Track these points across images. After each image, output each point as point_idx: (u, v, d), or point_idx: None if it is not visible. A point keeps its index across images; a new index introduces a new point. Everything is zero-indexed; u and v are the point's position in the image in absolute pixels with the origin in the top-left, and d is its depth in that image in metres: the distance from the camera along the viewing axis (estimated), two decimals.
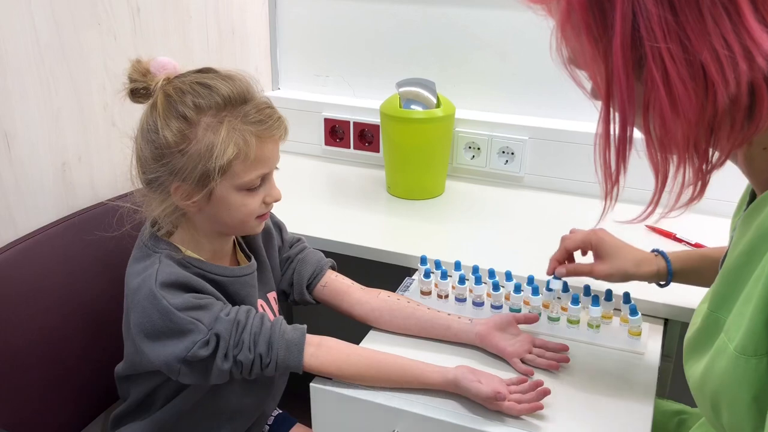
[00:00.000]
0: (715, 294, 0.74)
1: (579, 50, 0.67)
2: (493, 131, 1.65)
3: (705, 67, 0.60)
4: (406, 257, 1.31)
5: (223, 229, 1.03)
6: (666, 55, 0.60)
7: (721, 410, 0.70)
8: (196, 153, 0.93)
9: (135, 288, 0.97)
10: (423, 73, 1.60)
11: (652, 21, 0.60)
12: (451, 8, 1.67)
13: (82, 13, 1.23)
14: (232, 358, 0.95)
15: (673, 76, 0.60)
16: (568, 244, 1.12)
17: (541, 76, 1.63)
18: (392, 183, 1.64)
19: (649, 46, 0.60)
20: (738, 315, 0.67)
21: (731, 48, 0.59)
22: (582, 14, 0.63)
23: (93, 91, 1.28)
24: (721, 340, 0.69)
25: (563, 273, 1.10)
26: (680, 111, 0.62)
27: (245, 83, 0.98)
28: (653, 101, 0.63)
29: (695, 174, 0.67)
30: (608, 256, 1.07)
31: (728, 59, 0.59)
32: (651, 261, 1.06)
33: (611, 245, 1.08)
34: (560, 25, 0.67)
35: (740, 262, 0.70)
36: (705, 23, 0.59)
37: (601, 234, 1.10)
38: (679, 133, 0.63)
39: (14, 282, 1.08)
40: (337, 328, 1.14)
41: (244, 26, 1.76)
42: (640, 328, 1.07)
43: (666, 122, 0.63)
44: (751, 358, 0.64)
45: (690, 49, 0.59)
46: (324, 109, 1.83)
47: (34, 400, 1.10)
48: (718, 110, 0.61)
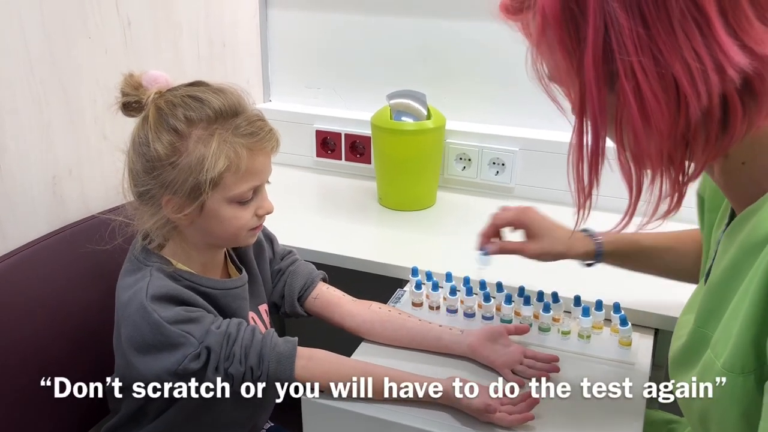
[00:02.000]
0: (701, 310, 0.74)
1: (553, 65, 0.67)
2: (484, 142, 1.66)
3: (677, 80, 0.60)
4: (397, 268, 1.31)
5: (216, 241, 1.03)
6: (638, 68, 0.60)
7: (709, 426, 0.70)
8: (186, 166, 0.93)
9: (126, 301, 0.97)
10: (414, 85, 1.61)
11: (624, 34, 0.60)
12: (441, 20, 1.68)
13: (73, 27, 1.23)
14: (223, 371, 0.95)
15: (645, 89, 0.61)
16: (498, 220, 1.10)
17: (531, 88, 1.62)
18: (383, 194, 1.64)
19: (620, 60, 0.60)
20: (724, 332, 0.67)
21: (702, 61, 0.59)
22: (556, 29, 0.64)
23: (84, 104, 1.28)
24: (708, 357, 0.69)
25: (494, 249, 1.08)
26: (652, 124, 0.62)
27: (236, 96, 0.99)
28: (625, 114, 0.62)
29: (672, 186, 0.66)
30: (540, 236, 1.07)
31: (700, 72, 0.59)
32: (582, 241, 1.06)
33: (542, 225, 1.07)
34: (535, 40, 0.67)
35: (725, 278, 0.70)
36: (676, 36, 0.59)
37: (532, 213, 1.09)
38: (652, 145, 0.63)
39: (5, 296, 1.07)
40: (329, 340, 1.14)
41: (235, 39, 1.77)
42: (630, 339, 1.08)
43: (638, 135, 0.63)
44: (739, 375, 0.64)
45: (662, 62, 0.60)
46: (315, 120, 1.83)
47: (25, 413, 1.09)
48: (691, 123, 0.61)
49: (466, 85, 1.71)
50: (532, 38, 0.68)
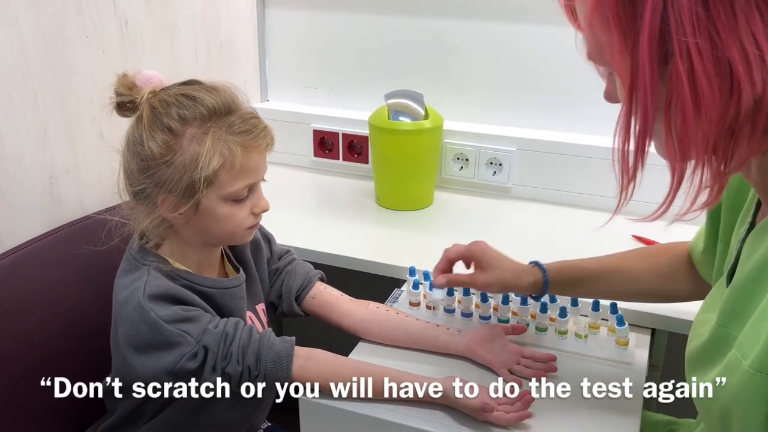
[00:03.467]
0: (725, 309, 0.73)
1: (606, 42, 0.65)
2: (481, 142, 1.66)
3: (732, 65, 0.58)
4: (395, 268, 1.31)
5: (212, 239, 1.03)
6: (693, 49, 0.58)
7: (731, 426, 0.69)
8: (181, 164, 0.93)
9: (123, 301, 0.97)
10: (411, 85, 1.61)
11: (683, 14, 0.58)
12: (439, 20, 1.68)
13: (70, 26, 1.23)
14: (220, 371, 0.95)
15: (699, 72, 0.59)
16: (451, 254, 1.10)
17: (528, 88, 1.64)
18: (381, 194, 1.64)
19: (677, 40, 0.59)
20: (752, 331, 0.66)
21: (761, 48, 0.57)
22: (612, 4, 0.62)
23: (80, 104, 1.27)
24: (733, 356, 0.68)
25: (442, 283, 1.08)
26: (703, 108, 0.60)
27: (230, 94, 0.99)
28: (676, 97, 0.61)
29: (713, 176, 0.65)
30: (489, 267, 1.06)
31: (757, 59, 0.58)
32: (529, 272, 1.06)
33: (492, 257, 1.07)
34: (588, 16, 0.65)
35: (753, 278, 0.69)
36: (737, 20, 0.57)
37: (482, 245, 1.08)
38: (699, 132, 0.61)
39: (1, 295, 1.07)
40: (327, 339, 1.13)
41: (232, 39, 1.77)
42: (627, 338, 1.08)
43: (687, 119, 0.61)
44: (767, 376, 0.63)
45: (719, 45, 0.58)
46: (313, 120, 1.83)
47: (21, 414, 1.09)
48: (742, 111, 0.60)
49: (463, 85, 1.71)
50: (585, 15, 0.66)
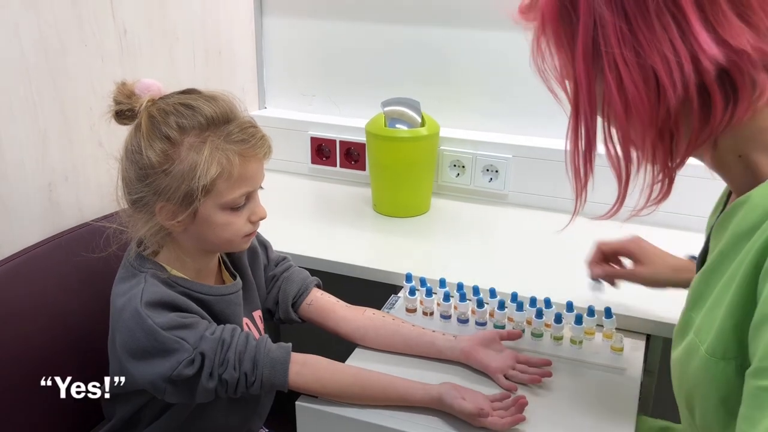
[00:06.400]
0: (692, 294, 0.77)
1: (551, 61, 0.73)
2: (478, 149, 1.67)
3: (655, 71, 0.64)
4: (391, 275, 1.32)
5: (209, 247, 1.04)
6: (620, 61, 0.65)
7: (694, 409, 0.73)
8: (179, 173, 0.94)
9: (120, 307, 0.98)
10: (408, 93, 1.62)
11: (608, 30, 0.65)
12: (435, 29, 1.69)
13: (69, 35, 1.24)
14: (217, 377, 0.95)
15: (627, 80, 0.65)
16: (605, 248, 1.13)
17: (523, 96, 1.65)
18: (378, 201, 1.65)
19: (605, 53, 0.66)
20: (708, 317, 0.70)
21: (678, 53, 0.63)
22: (553, 26, 0.70)
23: (79, 111, 1.28)
24: (692, 340, 0.72)
25: (600, 273, 1.10)
26: (634, 113, 0.66)
27: (228, 103, 0.99)
28: (610, 104, 0.68)
29: (661, 172, 0.71)
30: (648, 262, 1.09)
31: (676, 63, 0.63)
32: (688, 267, 1.06)
33: (651, 252, 1.10)
34: (537, 38, 0.73)
35: (713, 265, 0.72)
36: (655, 30, 0.63)
37: (637, 241, 1.11)
38: (636, 134, 0.68)
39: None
40: (323, 346, 1.14)
41: (230, 47, 1.78)
42: (622, 344, 1.09)
43: (621, 124, 0.68)
44: (720, 360, 0.67)
45: (642, 54, 0.64)
46: (310, 127, 1.84)
47: (19, 420, 1.09)
48: (671, 112, 0.65)
49: (460, 92, 1.72)
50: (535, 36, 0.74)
